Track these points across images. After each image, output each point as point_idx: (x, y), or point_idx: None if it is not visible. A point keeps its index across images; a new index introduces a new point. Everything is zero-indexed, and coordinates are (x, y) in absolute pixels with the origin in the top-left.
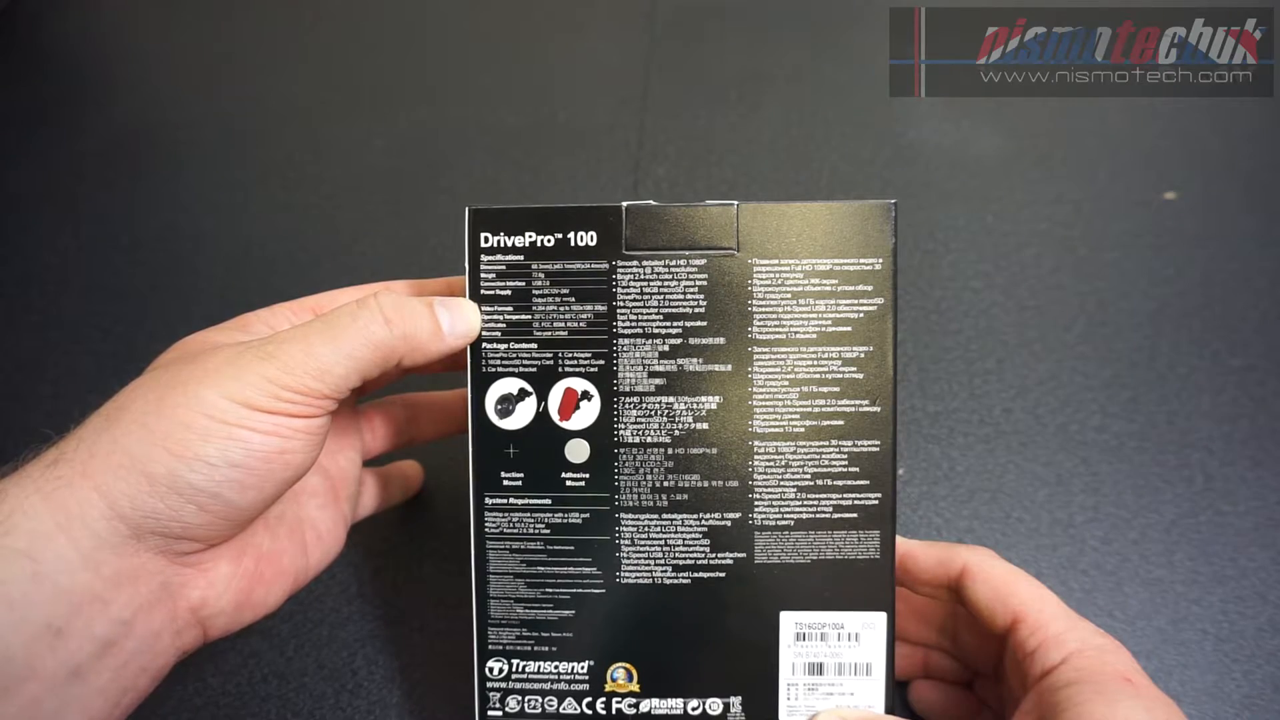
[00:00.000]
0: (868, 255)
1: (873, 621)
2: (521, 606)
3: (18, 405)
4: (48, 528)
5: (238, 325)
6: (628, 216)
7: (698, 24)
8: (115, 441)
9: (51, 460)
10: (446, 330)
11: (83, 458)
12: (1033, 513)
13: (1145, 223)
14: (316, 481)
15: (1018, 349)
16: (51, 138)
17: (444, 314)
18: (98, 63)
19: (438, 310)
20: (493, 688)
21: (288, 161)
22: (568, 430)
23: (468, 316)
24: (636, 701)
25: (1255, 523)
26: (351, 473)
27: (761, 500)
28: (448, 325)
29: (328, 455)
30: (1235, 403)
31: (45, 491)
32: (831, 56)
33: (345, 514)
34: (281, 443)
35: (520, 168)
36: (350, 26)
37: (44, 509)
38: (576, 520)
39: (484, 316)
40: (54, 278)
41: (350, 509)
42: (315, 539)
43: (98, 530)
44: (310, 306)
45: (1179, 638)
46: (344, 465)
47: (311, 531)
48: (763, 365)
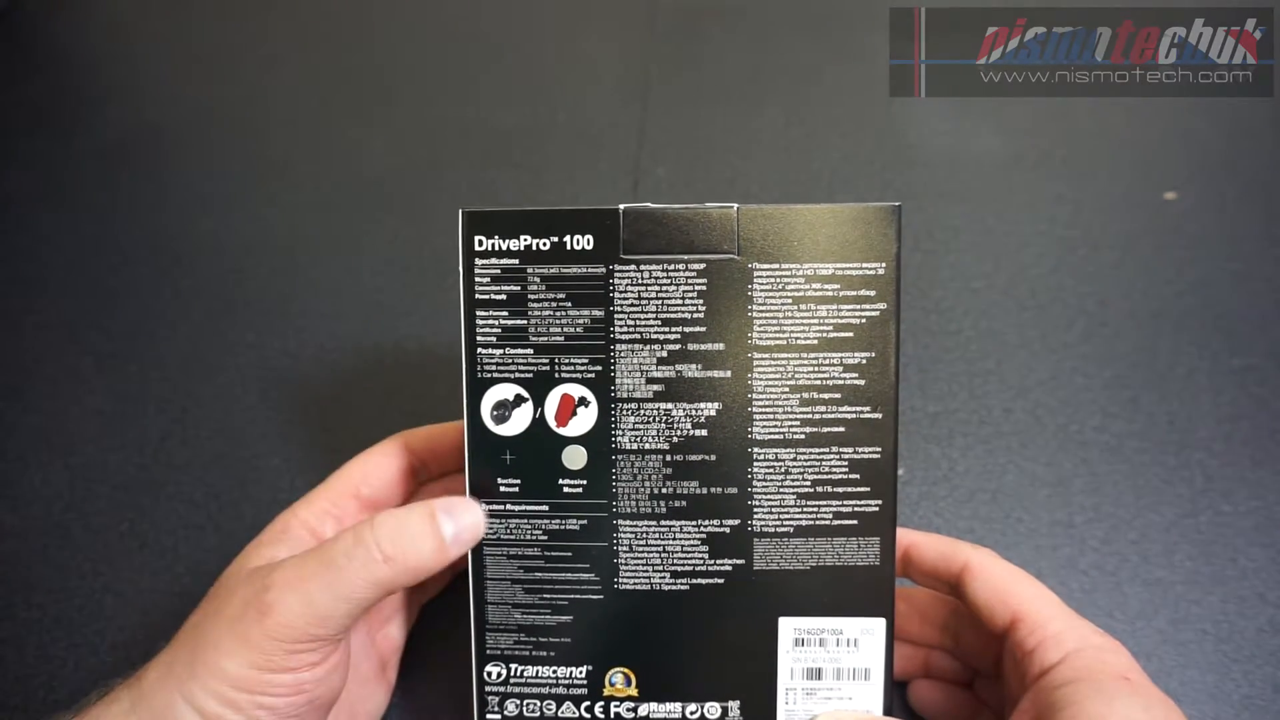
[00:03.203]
0: (870, 260)
1: (872, 627)
2: (519, 612)
3: (18, 405)
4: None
5: (277, 536)
6: (625, 219)
7: (698, 24)
8: (166, 709)
9: (126, 709)
10: (450, 541)
11: (146, 717)
12: (1033, 513)
13: (1145, 223)
14: (367, 667)
15: (1018, 349)
16: (51, 138)
17: (447, 524)
18: (97, 63)
19: (441, 521)
20: (491, 692)
21: (288, 161)
22: (565, 437)
23: (472, 521)
24: (635, 706)
25: (1255, 523)
26: (399, 641)
27: (761, 507)
28: (451, 536)
29: (372, 634)
30: (1235, 403)
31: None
32: (831, 56)
33: (390, 679)
34: (306, 696)
35: (520, 168)
36: (350, 26)
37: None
38: (574, 527)
39: (479, 321)
40: (54, 278)
41: (394, 672)
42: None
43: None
44: (349, 494)
45: (1179, 638)
46: (395, 639)
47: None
48: (763, 371)
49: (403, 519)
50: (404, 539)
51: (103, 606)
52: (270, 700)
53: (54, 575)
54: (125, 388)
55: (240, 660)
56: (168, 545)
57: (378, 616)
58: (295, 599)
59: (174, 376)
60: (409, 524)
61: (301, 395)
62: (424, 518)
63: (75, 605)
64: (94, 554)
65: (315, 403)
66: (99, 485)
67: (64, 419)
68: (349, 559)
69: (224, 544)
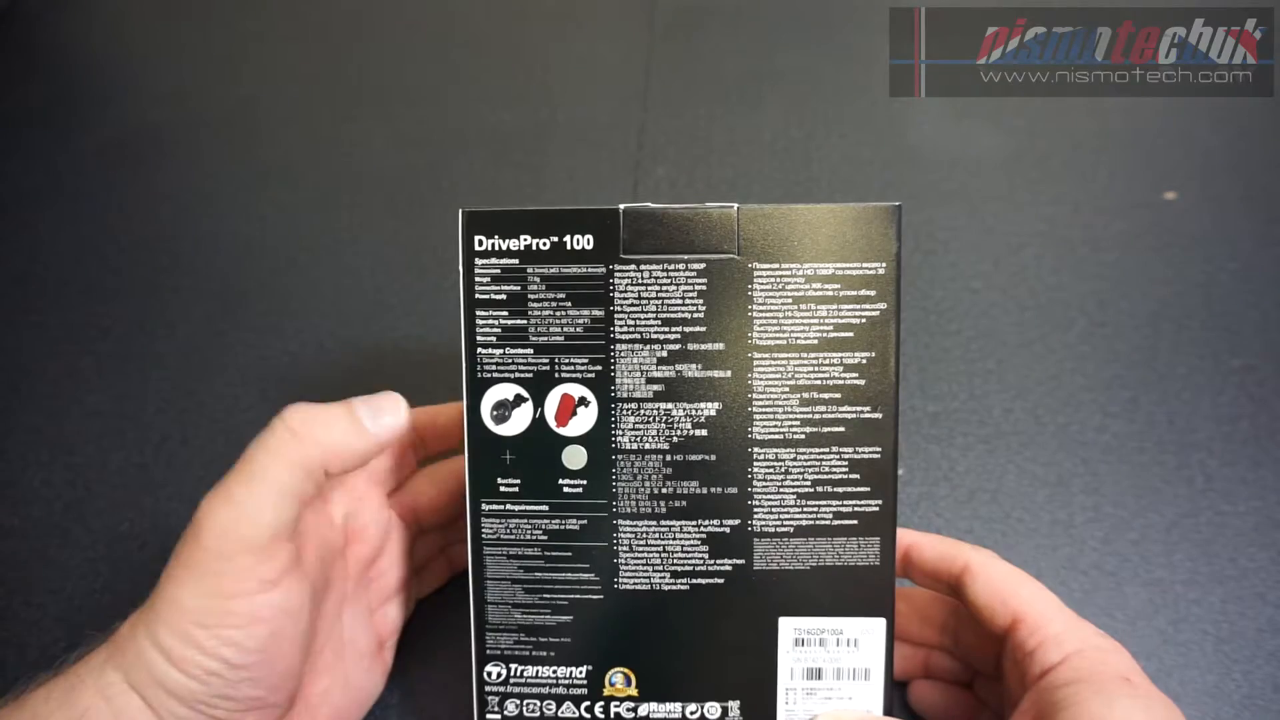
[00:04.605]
0: (871, 260)
1: (872, 627)
2: (519, 612)
3: (18, 405)
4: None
5: None
6: (625, 219)
7: (698, 23)
8: (138, 656)
9: (102, 660)
10: (369, 426)
11: (124, 668)
12: (1033, 513)
13: (1145, 223)
14: (364, 643)
15: (1018, 349)
16: (51, 138)
17: (364, 410)
18: (97, 63)
19: (357, 408)
20: (491, 691)
21: (287, 161)
22: (565, 436)
23: (391, 406)
24: (635, 706)
25: (1255, 523)
26: (397, 623)
27: (761, 507)
28: (369, 420)
29: (370, 610)
30: (1235, 403)
31: (108, 696)
32: (831, 56)
33: (387, 661)
34: (266, 627)
35: (520, 168)
36: (349, 26)
37: (107, 711)
38: (574, 527)
39: (479, 321)
40: (54, 278)
41: (391, 654)
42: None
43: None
44: None
45: (1179, 638)
46: (393, 621)
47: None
48: (763, 371)
49: (314, 406)
50: (314, 415)
51: (102, 606)
52: (230, 633)
53: (54, 575)
54: (125, 388)
55: (191, 590)
56: (168, 545)
57: (375, 593)
58: (220, 505)
59: (174, 376)
60: (321, 407)
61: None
62: (339, 405)
63: (75, 605)
64: (94, 554)
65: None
66: (99, 485)
67: (64, 419)
68: (260, 446)
69: None
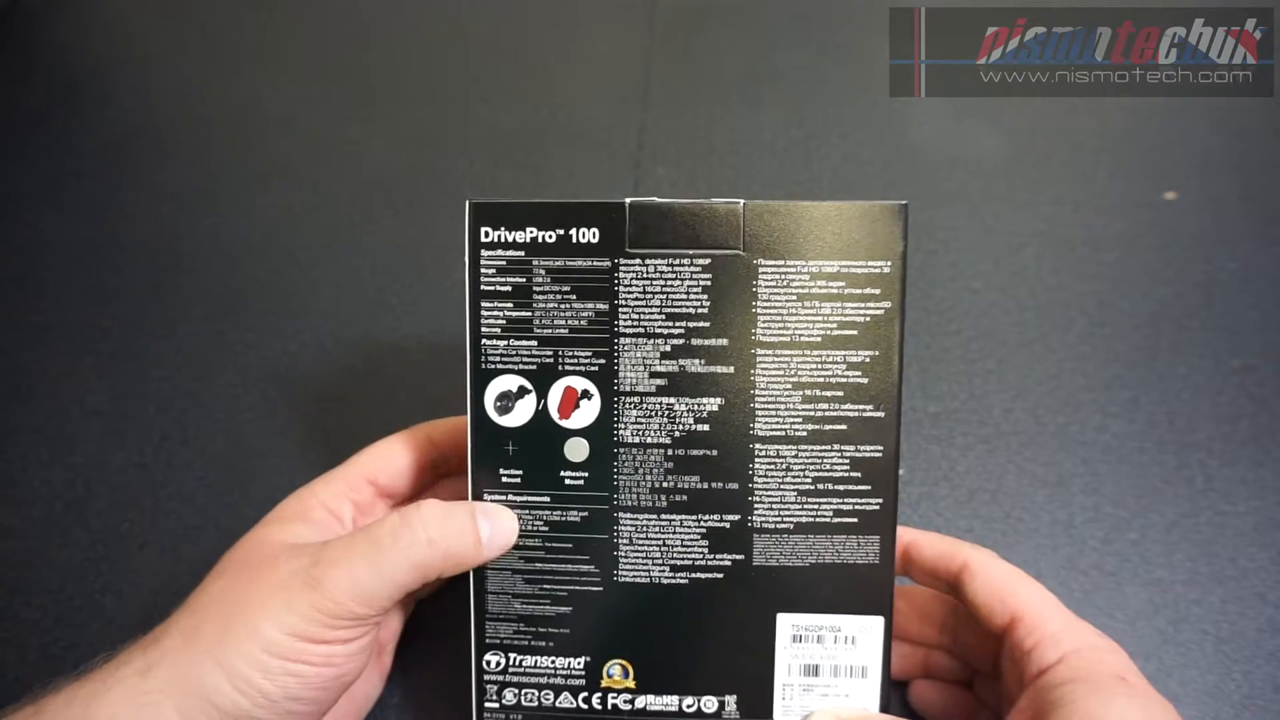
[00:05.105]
0: (876, 258)
1: (870, 625)
2: (519, 602)
3: (18, 405)
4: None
5: (298, 514)
6: (631, 213)
7: (698, 23)
8: (189, 669)
9: (141, 670)
10: (485, 543)
11: (164, 678)
12: (1033, 513)
13: (1145, 223)
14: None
15: (1018, 349)
16: (51, 138)
17: (485, 526)
18: (97, 63)
19: (480, 523)
20: (490, 681)
21: (288, 161)
22: (567, 429)
23: (507, 527)
24: (632, 698)
25: (1255, 523)
26: (397, 628)
27: (761, 503)
28: (487, 537)
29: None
30: (1235, 403)
31: (138, 704)
32: (831, 56)
33: (386, 665)
34: (334, 670)
35: (520, 167)
36: (349, 26)
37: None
38: (575, 519)
39: (484, 312)
40: (54, 278)
41: (390, 659)
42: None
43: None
44: (366, 479)
45: (1179, 638)
46: (394, 626)
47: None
48: (766, 368)
49: (448, 509)
50: (448, 527)
51: (103, 606)
52: (301, 669)
53: (54, 575)
54: (125, 388)
55: (281, 626)
56: (168, 545)
57: None
58: (343, 575)
59: (174, 376)
60: (453, 515)
61: (301, 395)
62: (466, 514)
63: (75, 605)
64: (94, 554)
65: (315, 403)
66: (99, 485)
67: (64, 419)
68: (395, 540)
69: (224, 544)
